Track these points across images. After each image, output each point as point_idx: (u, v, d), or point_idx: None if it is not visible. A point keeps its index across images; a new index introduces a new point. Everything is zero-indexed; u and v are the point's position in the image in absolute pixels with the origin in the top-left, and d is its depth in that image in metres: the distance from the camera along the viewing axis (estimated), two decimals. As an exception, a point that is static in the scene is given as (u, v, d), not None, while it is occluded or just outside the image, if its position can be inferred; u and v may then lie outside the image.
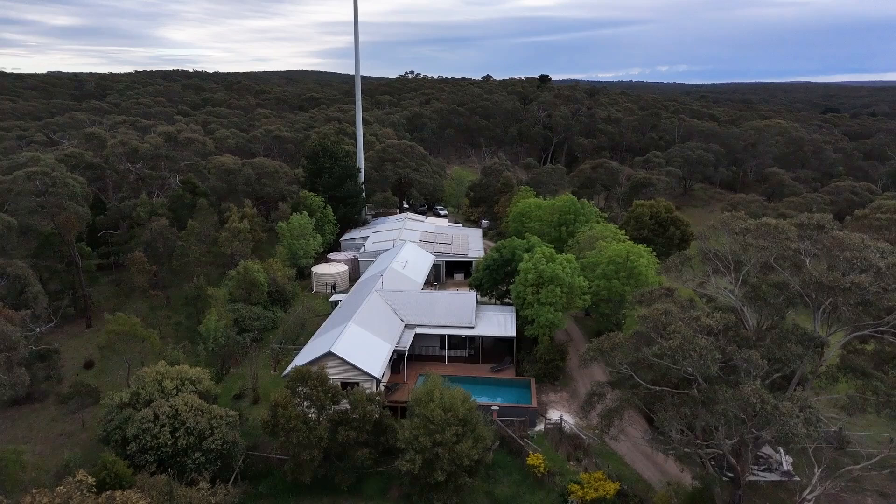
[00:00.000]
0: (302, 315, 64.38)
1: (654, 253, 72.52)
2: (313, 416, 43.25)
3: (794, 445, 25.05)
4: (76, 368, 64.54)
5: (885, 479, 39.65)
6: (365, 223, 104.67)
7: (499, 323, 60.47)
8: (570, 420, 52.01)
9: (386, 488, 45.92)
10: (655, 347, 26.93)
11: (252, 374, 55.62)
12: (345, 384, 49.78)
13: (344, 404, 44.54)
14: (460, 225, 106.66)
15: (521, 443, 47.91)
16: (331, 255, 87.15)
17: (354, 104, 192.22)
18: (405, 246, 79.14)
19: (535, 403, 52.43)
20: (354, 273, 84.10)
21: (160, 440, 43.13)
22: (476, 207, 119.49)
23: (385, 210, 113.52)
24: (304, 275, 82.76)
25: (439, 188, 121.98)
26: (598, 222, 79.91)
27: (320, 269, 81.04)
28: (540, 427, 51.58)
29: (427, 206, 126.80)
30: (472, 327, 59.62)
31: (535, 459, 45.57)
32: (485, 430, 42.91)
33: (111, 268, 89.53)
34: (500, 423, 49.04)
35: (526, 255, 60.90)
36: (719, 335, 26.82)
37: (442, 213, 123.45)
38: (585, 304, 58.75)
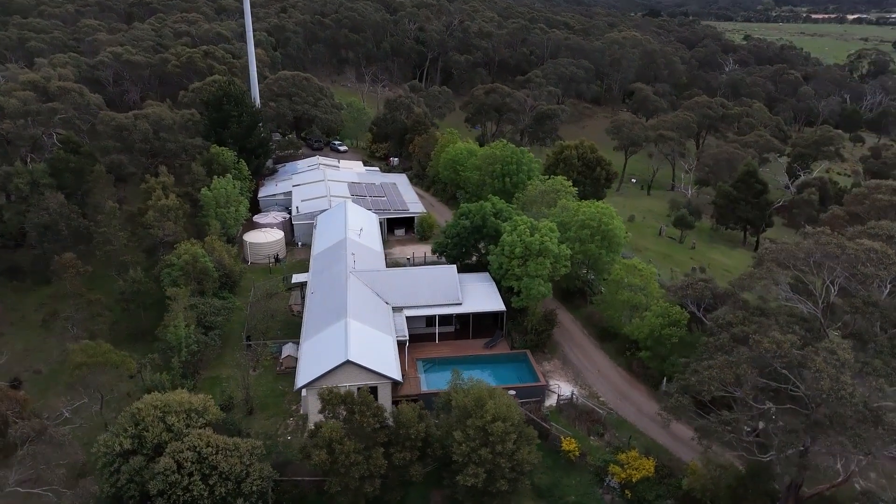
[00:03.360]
0: (268, 304, 59.19)
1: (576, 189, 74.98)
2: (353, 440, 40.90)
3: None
4: (-1, 390, 54.91)
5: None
6: (273, 173, 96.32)
7: (484, 296, 59.92)
8: (576, 392, 53.95)
9: (428, 494, 45.48)
10: (803, 388, 28.43)
11: (244, 382, 50.88)
12: (360, 389, 47.48)
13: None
14: (378, 170, 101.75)
15: (547, 426, 49.18)
16: (257, 219, 79.70)
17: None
18: (348, 207, 74.29)
19: (542, 379, 53.61)
20: (288, 237, 78.13)
21: (195, 493, 38.65)
22: (381, 143, 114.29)
23: (291, 154, 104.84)
24: (230, 243, 75.25)
25: (338, 122, 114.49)
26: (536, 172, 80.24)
27: (254, 237, 74.16)
28: (550, 402, 53.16)
29: (322, 141, 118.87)
30: (460, 303, 58.61)
31: (569, 444, 47.18)
32: (530, 429, 43.35)
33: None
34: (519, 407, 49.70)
35: (506, 226, 59.93)
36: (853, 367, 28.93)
37: (341, 148, 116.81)
38: (567, 270, 59.73)
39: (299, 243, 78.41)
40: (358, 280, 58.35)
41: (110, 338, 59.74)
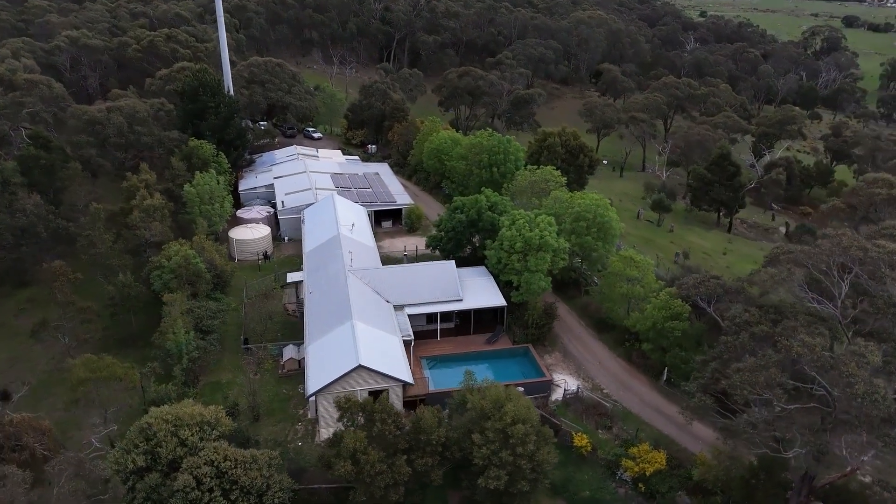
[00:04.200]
0: (265, 305, 58.02)
1: (566, 179, 75.41)
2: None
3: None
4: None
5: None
6: (250, 164, 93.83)
7: (483, 291, 59.84)
8: (581, 385, 54.57)
9: (445, 495, 45.66)
10: (837, 392, 29.33)
11: (250, 388, 49.90)
12: (371, 393, 47.30)
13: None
14: (358, 158, 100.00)
15: (557, 422, 49.72)
16: (240, 213, 77.73)
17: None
18: (336, 201, 72.90)
19: (547, 374, 54.07)
20: (273, 232, 76.46)
21: (216, 509, 37.96)
22: (357, 130, 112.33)
23: (267, 144, 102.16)
24: (215, 240, 73.28)
25: (312, 110, 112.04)
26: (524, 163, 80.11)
27: (240, 234, 72.30)
28: (555, 396, 53.71)
29: (296, 128, 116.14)
30: (461, 299, 58.48)
31: (581, 440, 47.84)
32: (546, 428, 43.73)
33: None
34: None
35: (505, 221, 59.75)
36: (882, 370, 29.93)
37: (315, 136, 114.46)
38: (565, 263, 60.07)
39: (285, 238, 76.94)
40: (357, 279, 57.61)
41: (102, 346, 58.16)
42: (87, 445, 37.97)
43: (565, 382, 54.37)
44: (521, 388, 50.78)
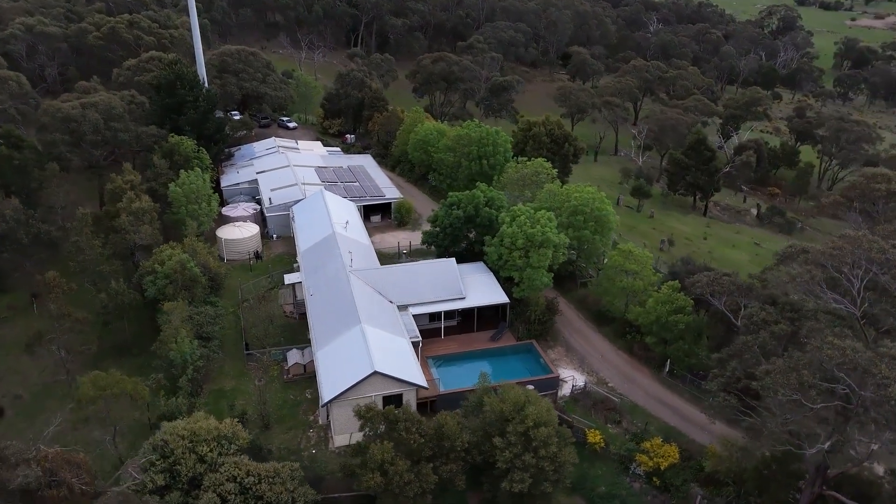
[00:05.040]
0: (264, 308, 56.92)
1: (556, 171, 75.56)
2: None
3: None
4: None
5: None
6: (229, 157, 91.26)
7: (486, 288, 59.75)
8: (588, 381, 55.18)
9: (464, 498, 45.81)
10: (868, 393, 30.30)
11: (261, 397, 48.97)
12: (385, 397, 47.10)
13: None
14: (339, 150, 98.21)
15: (569, 419, 50.25)
16: (225, 211, 75.64)
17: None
18: (326, 197, 71.63)
19: (554, 370, 54.48)
20: (260, 230, 74.77)
21: (244, 527, 37.38)
22: (334, 119, 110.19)
23: (245, 136, 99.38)
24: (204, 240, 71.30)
25: (288, 99, 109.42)
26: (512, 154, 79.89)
27: (229, 233, 70.44)
28: (563, 392, 54.23)
29: (270, 118, 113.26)
30: (464, 297, 58.34)
31: (594, 437, 48.50)
32: (563, 428, 44.18)
33: None
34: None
35: (505, 217, 59.59)
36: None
37: (290, 125, 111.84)
38: (565, 258, 60.40)
39: (274, 236, 75.36)
40: (359, 280, 56.89)
41: (97, 356, 56.48)
42: (126, 476, 36.67)
43: (573, 378, 54.88)
44: (531, 386, 51.28)
